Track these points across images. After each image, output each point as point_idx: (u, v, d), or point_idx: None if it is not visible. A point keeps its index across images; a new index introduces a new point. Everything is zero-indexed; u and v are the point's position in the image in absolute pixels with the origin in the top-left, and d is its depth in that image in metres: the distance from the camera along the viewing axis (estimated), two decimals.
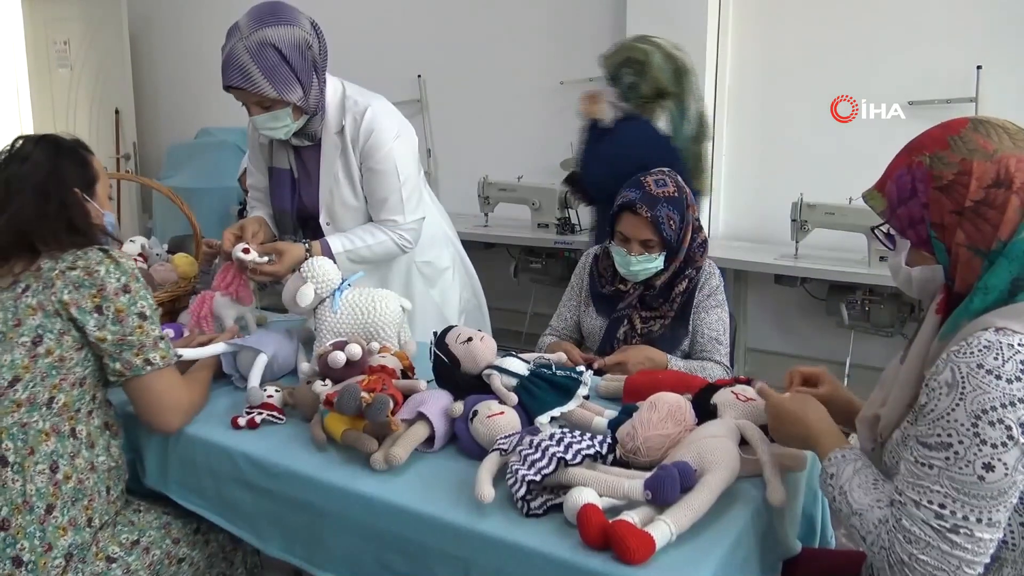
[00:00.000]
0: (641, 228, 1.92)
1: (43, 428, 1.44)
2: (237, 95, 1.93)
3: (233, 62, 1.85)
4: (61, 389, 1.46)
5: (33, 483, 1.41)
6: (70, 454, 1.46)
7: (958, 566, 1.00)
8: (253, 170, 2.26)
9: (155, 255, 2.28)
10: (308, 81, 1.93)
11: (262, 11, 1.89)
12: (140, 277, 1.51)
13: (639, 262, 1.95)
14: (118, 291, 1.46)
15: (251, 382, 1.65)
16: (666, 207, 1.91)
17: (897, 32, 3.42)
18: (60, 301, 1.43)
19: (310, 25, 1.94)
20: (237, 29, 1.87)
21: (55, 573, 1.42)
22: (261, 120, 1.94)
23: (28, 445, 1.42)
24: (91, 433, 1.50)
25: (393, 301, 1.81)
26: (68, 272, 1.45)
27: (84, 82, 5.77)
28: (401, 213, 2.10)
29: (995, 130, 1.06)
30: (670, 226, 1.91)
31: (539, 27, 4.31)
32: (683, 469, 1.17)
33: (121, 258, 1.50)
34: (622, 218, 1.96)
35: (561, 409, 1.48)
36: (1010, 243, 1.03)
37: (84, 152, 1.62)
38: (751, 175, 3.89)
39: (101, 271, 1.45)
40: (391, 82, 4.64)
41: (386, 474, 1.36)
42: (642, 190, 1.93)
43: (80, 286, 1.44)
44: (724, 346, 2.02)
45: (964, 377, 0.99)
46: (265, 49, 1.84)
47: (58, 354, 1.44)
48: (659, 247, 1.94)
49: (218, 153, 4.95)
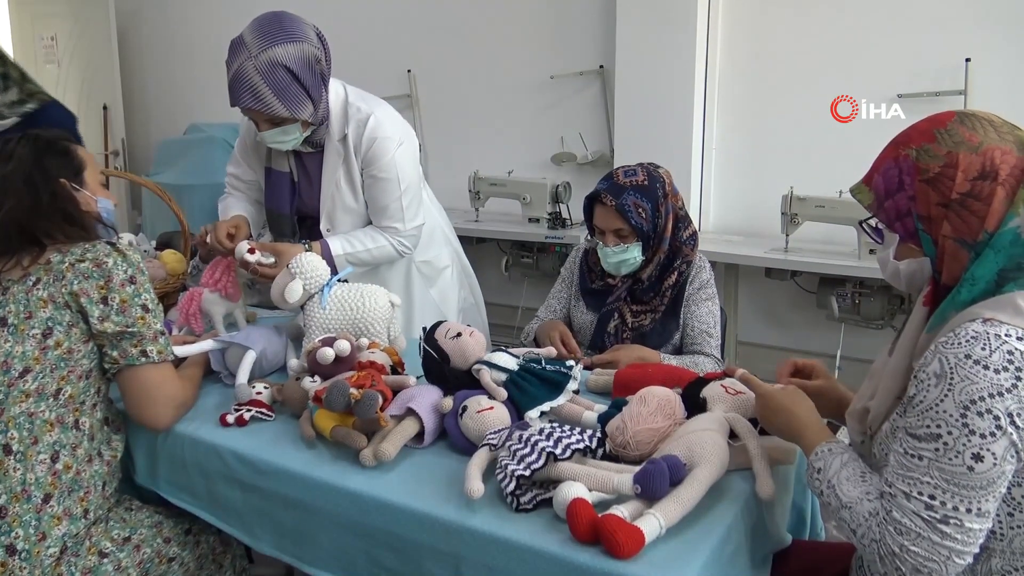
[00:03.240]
0: (609, 218, 1.95)
1: (49, 418, 1.46)
2: (246, 112, 1.92)
3: (244, 83, 1.83)
4: (68, 381, 1.48)
5: (34, 472, 1.43)
6: (71, 445, 1.48)
7: (948, 556, 1.00)
8: (240, 160, 2.24)
9: (143, 252, 2.27)
10: (318, 96, 1.94)
11: (268, 26, 1.85)
12: (145, 271, 1.55)
13: (615, 253, 1.96)
14: (124, 282, 1.49)
15: (239, 379, 1.65)
16: (633, 195, 1.92)
17: (886, 25, 3.42)
18: (71, 292, 1.47)
19: (316, 37, 1.92)
20: (244, 46, 1.83)
21: (48, 563, 1.42)
22: (271, 135, 1.94)
23: (33, 435, 1.44)
24: (93, 425, 1.52)
25: (382, 297, 1.80)
26: (78, 264, 1.48)
27: (72, 78, 5.73)
28: (401, 221, 2.11)
29: (980, 123, 1.07)
30: (639, 214, 1.92)
31: (529, 22, 4.30)
32: (672, 463, 1.16)
33: (128, 251, 1.54)
34: (594, 211, 2.00)
35: (551, 404, 1.48)
36: (996, 234, 1.04)
37: (65, 143, 1.64)
38: (741, 169, 3.89)
39: (109, 263, 1.49)
40: (381, 77, 4.64)
41: (375, 470, 1.36)
42: (609, 180, 1.96)
43: (89, 277, 1.48)
44: (715, 339, 2.02)
45: (952, 368, 0.99)
46: (276, 70, 1.82)
47: (67, 346, 1.47)
48: (632, 236, 1.95)
49: (207, 149, 4.91)
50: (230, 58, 1.86)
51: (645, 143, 3.78)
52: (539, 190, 3.98)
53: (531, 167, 4.30)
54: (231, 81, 1.86)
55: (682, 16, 3.69)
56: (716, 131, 3.89)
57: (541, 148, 4.32)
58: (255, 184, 2.23)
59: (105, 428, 1.57)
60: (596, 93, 4.16)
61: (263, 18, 1.88)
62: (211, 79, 5.22)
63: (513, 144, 4.42)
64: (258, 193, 2.25)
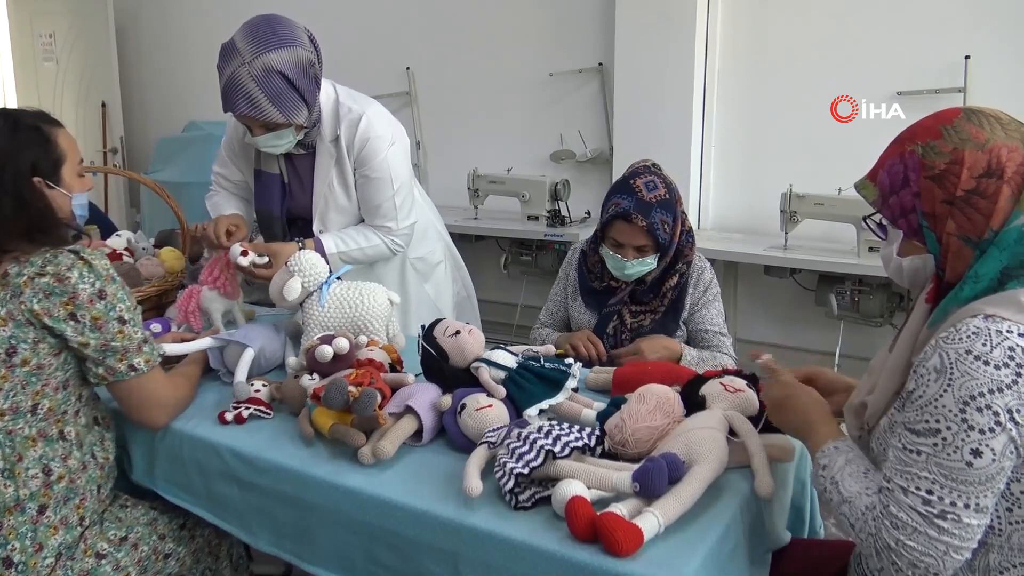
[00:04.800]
0: (636, 236, 1.91)
1: (29, 434, 1.41)
2: (240, 118, 1.91)
3: (238, 89, 1.81)
4: (44, 395, 1.42)
5: (27, 487, 1.40)
6: (61, 456, 1.44)
7: (945, 552, 1.00)
8: (227, 160, 2.22)
9: (142, 249, 2.27)
10: (312, 100, 1.93)
11: (260, 31, 1.83)
12: (116, 277, 1.44)
13: (634, 266, 1.94)
14: (92, 298, 1.38)
15: (238, 377, 1.64)
16: (659, 212, 1.89)
17: (885, 22, 3.42)
18: (30, 311, 1.35)
19: (308, 40, 1.90)
20: (236, 52, 1.81)
21: (44, 572, 1.41)
22: (264, 139, 1.93)
23: (16, 452, 1.40)
24: (79, 433, 1.48)
25: (381, 294, 1.80)
26: (37, 279, 1.36)
27: (70, 76, 5.72)
28: (394, 219, 2.11)
29: (987, 120, 1.06)
30: (664, 230, 1.90)
31: (528, 19, 4.29)
32: (671, 461, 1.16)
33: (94, 259, 1.40)
34: (615, 226, 1.93)
35: (549, 401, 1.48)
36: (1001, 232, 1.03)
37: (47, 128, 1.48)
38: (740, 166, 3.88)
39: (73, 277, 1.37)
40: (379, 75, 4.64)
41: (374, 468, 1.36)
42: (633, 196, 1.89)
43: (50, 294, 1.36)
44: (728, 338, 2.04)
45: (952, 363, 0.99)
46: (271, 76, 1.81)
47: (35, 362, 1.39)
48: (653, 250, 1.93)
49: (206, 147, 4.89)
50: (222, 63, 1.84)
51: (644, 141, 3.78)
52: (538, 188, 3.98)
53: (530, 165, 4.29)
54: (225, 88, 1.84)
55: (681, 13, 3.69)
56: (715, 128, 3.88)
57: (540, 146, 4.32)
58: (243, 184, 2.23)
59: (96, 428, 1.53)
60: (595, 90, 4.15)
61: (254, 22, 1.86)
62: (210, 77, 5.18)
63: (512, 142, 4.41)
64: (246, 192, 2.24)
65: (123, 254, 2.18)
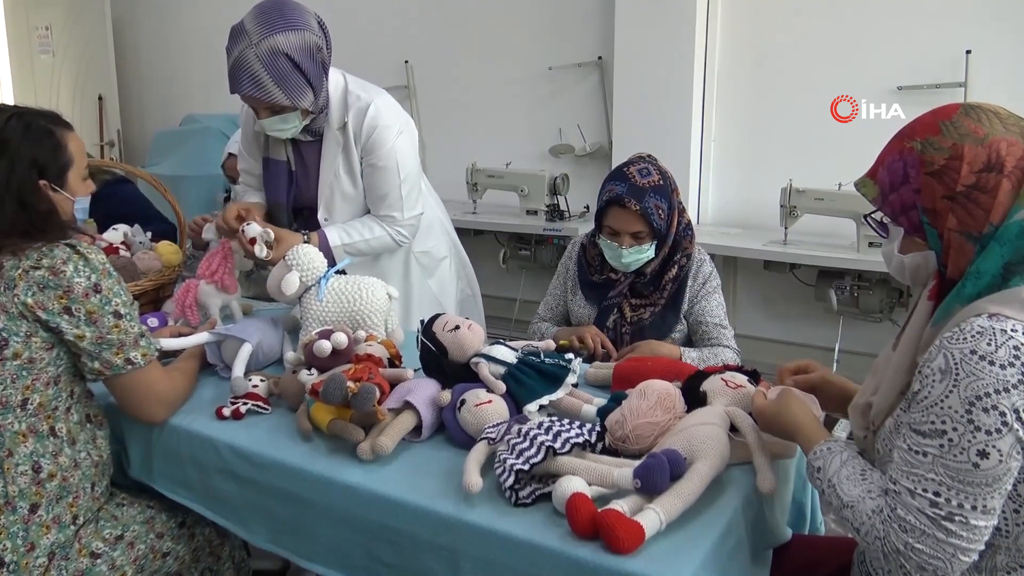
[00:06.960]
0: (631, 221, 1.90)
1: (19, 430, 1.40)
2: (246, 99, 1.90)
3: (244, 70, 1.81)
4: (34, 390, 1.41)
5: (16, 484, 1.38)
6: (52, 453, 1.43)
7: (953, 554, 0.99)
8: (245, 155, 2.23)
9: (139, 243, 2.25)
10: (319, 85, 1.92)
11: (269, 13, 1.83)
12: (112, 271, 1.43)
13: (631, 254, 1.93)
14: (88, 291, 1.38)
15: (236, 372, 1.63)
16: (653, 197, 1.89)
17: (885, 17, 3.41)
18: (23, 303, 1.35)
19: (317, 25, 1.91)
20: (245, 33, 1.81)
21: (37, 572, 1.39)
22: (270, 123, 1.92)
23: (5, 447, 1.39)
24: (71, 430, 1.47)
25: (379, 289, 1.79)
26: (32, 272, 1.35)
27: (66, 68, 5.70)
28: (400, 210, 2.09)
29: (986, 115, 1.06)
30: (659, 215, 1.90)
31: (528, 12, 4.28)
32: (672, 457, 1.16)
33: (90, 253, 1.40)
34: (610, 212, 1.94)
35: (550, 397, 1.47)
36: (1002, 227, 1.03)
37: (59, 131, 1.49)
38: (740, 161, 3.88)
39: (68, 270, 1.37)
40: (378, 68, 4.60)
41: (373, 464, 1.35)
42: (627, 182, 1.90)
43: (45, 287, 1.36)
44: (729, 330, 2.02)
45: (957, 363, 0.98)
46: (277, 58, 1.81)
47: (27, 356, 1.38)
48: (649, 237, 1.93)
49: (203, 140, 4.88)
50: (230, 45, 1.84)
51: (644, 135, 3.76)
52: (537, 182, 3.97)
53: (529, 159, 4.28)
54: (231, 68, 1.84)
55: (681, 7, 3.67)
56: (715, 123, 3.87)
57: (539, 140, 4.31)
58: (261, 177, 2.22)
59: (88, 426, 1.51)
60: (594, 84, 4.14)
61: (264, 5, 1.86)
62: (207, 70, 5.21)
63: (511, 136, 4.41)
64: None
65: (120, 248, 2.16)
